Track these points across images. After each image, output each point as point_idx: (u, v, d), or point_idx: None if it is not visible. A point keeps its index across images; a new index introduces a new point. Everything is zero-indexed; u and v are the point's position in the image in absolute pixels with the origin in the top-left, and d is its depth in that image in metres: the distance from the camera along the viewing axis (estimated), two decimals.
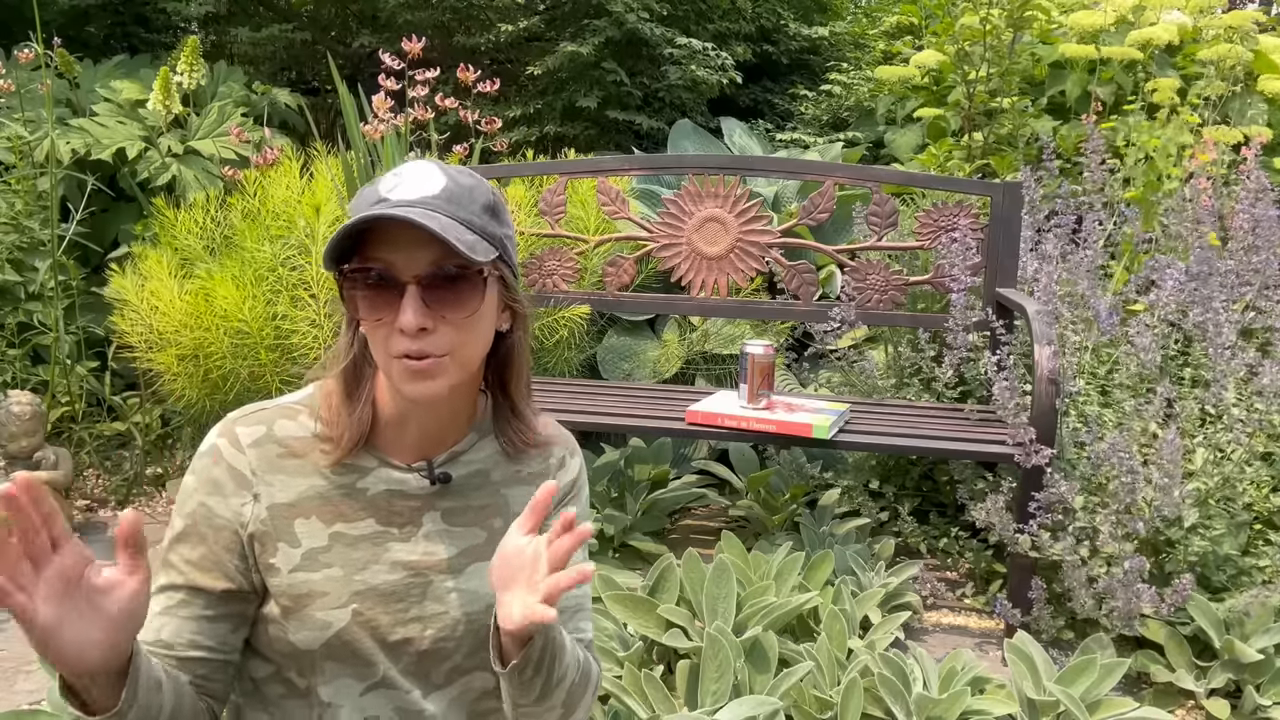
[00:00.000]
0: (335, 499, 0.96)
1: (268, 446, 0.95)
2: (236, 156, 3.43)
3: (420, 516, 0.98)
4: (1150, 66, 3.65)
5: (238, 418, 0.97)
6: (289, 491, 0.95)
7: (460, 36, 4.49)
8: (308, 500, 0.95)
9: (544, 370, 3.06)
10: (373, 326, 0.89)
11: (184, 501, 0.95)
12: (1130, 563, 1.99)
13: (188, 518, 0.94)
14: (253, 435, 0.95)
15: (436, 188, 0.88)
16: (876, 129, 4.38)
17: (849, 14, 5.49)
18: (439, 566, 0.98)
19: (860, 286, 2.74)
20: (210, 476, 0.94)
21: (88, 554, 0.77)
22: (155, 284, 2.63)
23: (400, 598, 0.96)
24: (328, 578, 0.94)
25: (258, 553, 0.94)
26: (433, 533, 0.98)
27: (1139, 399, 2.36)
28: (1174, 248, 2.86)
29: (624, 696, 1.73)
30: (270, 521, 0.94)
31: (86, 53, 3.99)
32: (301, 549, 0.94)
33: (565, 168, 2.93)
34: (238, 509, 0.93)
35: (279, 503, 0.94)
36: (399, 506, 0.97)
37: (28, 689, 1.94)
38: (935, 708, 1.74)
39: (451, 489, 1.00)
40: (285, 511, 0.94)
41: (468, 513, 1.00)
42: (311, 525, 0.95)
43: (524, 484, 1.04)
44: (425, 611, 0.97)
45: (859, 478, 2.70)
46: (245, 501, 0.94)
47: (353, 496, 0.96)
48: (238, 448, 0.94)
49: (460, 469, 1.00)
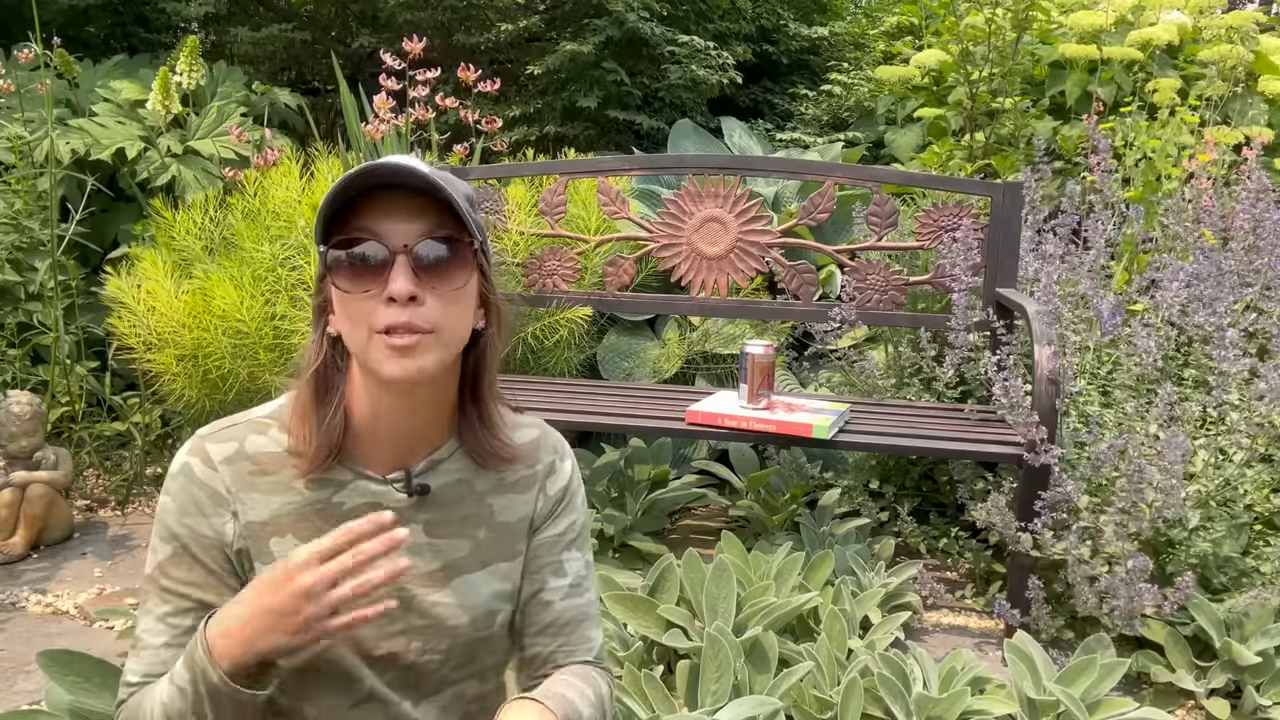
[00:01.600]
0: (311, 515, 0.93)
1: (240, 464, 0.93)
2: (236, 156, 3.43)
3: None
4: (1150, 67, 3.65)
5: (208, 434, 0.94)
6: (263, 509, 0.92)
7: (460, 36, 4.49)
8: (283, 517, 0.93)
9: (544, 370, 3.06)
10: (358, 300, 0.86)
11: (165, 524, 0.92)
12: (1133, 562, 1.99)
13: (173, 540, 0.91)
14: (224, 452, 0.93)
15: (423, 169, 0.86)
16: (876, 129, 4.38)
17: (849, 14, 5.49)
18: (421, 580, 0.95)
19: (860, 286, 2.74)
20: (189, 496, 0.92)
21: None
22: (151, 285, 2.63)
23: (383, 613, 0.94)
24: None
25: (244, 570, 0.92)
26: (414, 546, 0.95)
27: (1140, 399, 2.36)
28: (1173, 248, 2.86)
29: (624, 697, 1.73)
30: (249, 539, 0.92)
31: (86, 53, 3.98)
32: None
33: (565, 168, 2.93)
34: (220, 527, 0.91)
35: (254, 521, 0.92)
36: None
37: (28, 689, 1.94)
38: (935, 708, 1.73)
39: (432, 500, 0.96)
40: (260, 530, 0.92)
41: (450, 524, 0.97)
42: (287, 543, 0.92)
43: (510, 491, 1.01)
44: (410, 625, 0.95)
45: (859, 478, 2.70)
46: (225, 520, 0.92)
47: (329, 512, 0.93)
48: (210, 466, 0.92)
49: (440, 478, 0.97)
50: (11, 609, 2.29)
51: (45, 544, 2.62)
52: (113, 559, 2.57)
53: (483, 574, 0.99)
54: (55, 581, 2.43)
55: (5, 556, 2.51)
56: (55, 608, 2.30)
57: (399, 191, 0.86)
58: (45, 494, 2.57)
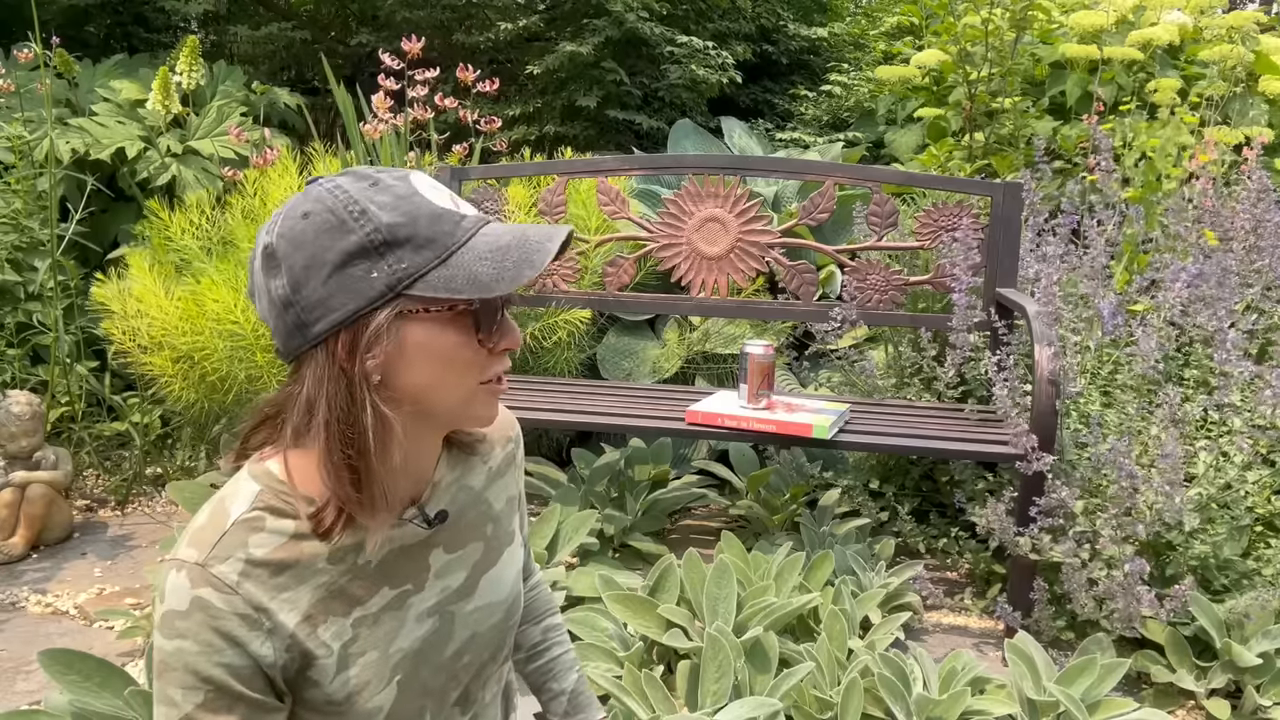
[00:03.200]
0: (343, 586, 0.86)
1: (256, 574, 0.82)
2: (236, 156, 3.43)
3: (426, 560, 0.92)
4: (1151, 67, 3.65)
5: (203, 558, 0.81)
6: (296, 610, 0.83)
7: (460, 35, 4.49)
8: (318, 605, 0.85)
9: (544, 370, 3.06)
10: (475, 352, 0.82)
11: (191, 670, 0.80)
12: (1130, 565, 1.99)
13: (204, 685, 0.80)
14: (234, 570, 0.81)
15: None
16: (876, 129, 4.38)
17: (849, 14, 5.50)
18: (455, 595, 0.94)
19: (860, 286, 2.73)
20: (213, 633, 0.80)
21: None
22: (140, 289, 2.62)
23: (434, 644, 0.91)
24: (365, 666, 0.86)
25: (289, 680, 0.85)
26: (441, 569, 0.93)
27: (1141, 400, 2.36)
28: (1174, 248, 2.85)
29: (624, 697, 1.73)
30: (294, 647, 0.83)
31: (86, 52, 3.98)
32: (334, 655, 0.85)
33: (565, 167, 2.93)
34: (258, 652, 0.81)
35: (293, 625, 0.83)
36: (404, 563, 0.90)
37: (27, 689, 1.94)
38: (935, 708, 1.73)
39: (445, 522, 0.94)
40: (303, 629, 0.84)
41: (463, 533, 0.96)
42: (332, 626, 0.85)
43: (499, 477, 1.01)
44: (460, 644, 0.94)
45: (859, 478, 2.70)
46: (262, 641, 0.81)
47: (359, 576, 0.87)
48: (228, 590, 0.81)
49: (445, 496, 0.94)
50: (11, 609, 2.29)
51: (45, 544, 2.62)
52: (113, 559, 2.57)
53: (500, 564, 1.00)
54: (55, 581, 2.43)
55: (5, 556, 2.51)
56: (55, 608, 2.30)
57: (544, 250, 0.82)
58: (45, 494, 2.57)
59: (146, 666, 1.54)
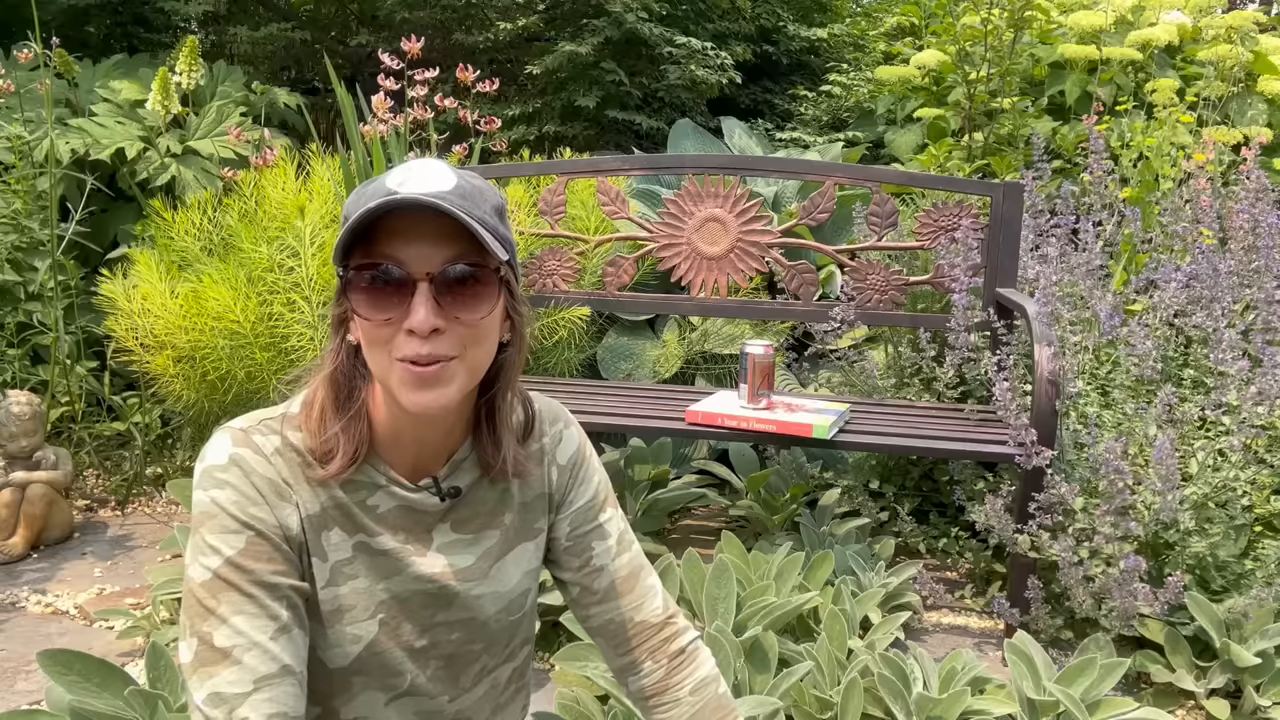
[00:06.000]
0: (350, 512, 0.91)
1: (289, 455, 0.89)
2: (236, 156, 3.43)
3: (431, 532, 0.94)
4: (1150, 67, 3.65)
5: (250, 427, 0.89)
6: (315, 503, 0.89)
7: (459, 35, 4.49)
8: (331, 510, 0.90)
9: (544, 370, 3.06)
10: (376, 328, 0.83)
11: (230, 514, 0.84)
12: (1126, 562, 1.99)
13: (245, 529, 0.84)
14: (273, 444, 0.89)
15: (448, 184, 0.82)
16: (876, 129, 4.38)
17: (849, 15, 5.50)
18: (462, 576, 0.95)
19: (860, 286, 2.74)
20: (249, 486, 0.86)
21: None
22: (145, 288, 2.62)
23: (425, 604, 0.93)
24: (354, 590, 0.90)
25: (303, 564, 0.89)
26: (447, 545, 0.95)
27: (1139, 400, 2.36)
28: (1172, 248, 2.86)
29: (624, 697, 1.73)
30: (308, 532, 0.89)
31: (85, 53, 3.98)
32: (330, 563, 0.89)
33: (565, 167, 2.93)
34: (285, 519, 0.87)
35: (310, 514, 0.89)
36: (410, 524, 0.93)
37: (27, 689, 1.94)
38: (935, 708, 1.74)
39: (461, 497, 0.96)
40: (315, 523, 0.89)
41: (478, 517, 0.97)
42: (334, 536, 0.90)
43: (526, 472, 1.01)
44: (452, 616, 0.95)
45: (859, 478, 2.70)
46: (290, 511, 0.87)
47: (369, 515, 0.91)
48: (264, 457, 0.87)
49: (465, 475, 0.96)
50: (11, 609, 2.29)
51: (45, 544, 2.62)
52: (113, 559, 2.57)
53: (512, 557, 1.00)
54: (55, 581, 2.43)
55: (5, 556, 2.51)
56: (55, 608, 2.30)
57: (425, 212, 0.82)
58: (45, 494, 2.57)
59: (147, 666, 1.54)
